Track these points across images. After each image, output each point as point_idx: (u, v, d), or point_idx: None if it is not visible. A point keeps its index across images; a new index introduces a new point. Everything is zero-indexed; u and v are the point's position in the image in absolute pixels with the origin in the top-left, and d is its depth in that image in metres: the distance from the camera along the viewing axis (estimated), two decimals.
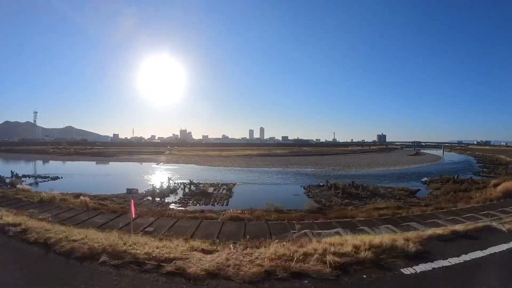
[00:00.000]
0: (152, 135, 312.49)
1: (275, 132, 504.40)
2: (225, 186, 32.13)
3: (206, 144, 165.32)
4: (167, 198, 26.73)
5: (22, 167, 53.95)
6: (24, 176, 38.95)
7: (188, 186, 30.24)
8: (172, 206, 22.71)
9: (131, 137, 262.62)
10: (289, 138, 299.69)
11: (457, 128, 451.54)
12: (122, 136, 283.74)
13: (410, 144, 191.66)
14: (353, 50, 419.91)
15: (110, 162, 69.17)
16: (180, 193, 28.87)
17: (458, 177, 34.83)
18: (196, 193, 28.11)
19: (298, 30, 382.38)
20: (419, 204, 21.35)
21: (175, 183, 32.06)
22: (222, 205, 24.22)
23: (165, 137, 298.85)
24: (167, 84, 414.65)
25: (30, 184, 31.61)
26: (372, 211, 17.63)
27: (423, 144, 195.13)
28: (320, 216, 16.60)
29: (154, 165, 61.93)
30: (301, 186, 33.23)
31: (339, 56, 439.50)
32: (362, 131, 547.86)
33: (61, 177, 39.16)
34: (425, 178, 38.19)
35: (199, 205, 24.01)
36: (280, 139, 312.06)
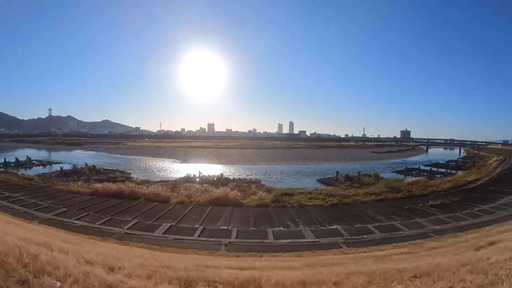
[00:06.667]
0: (182, 128, 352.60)
1: (305, 127, 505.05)
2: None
3: (191, 137, 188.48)
4: None
5: None
6: None
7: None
8: None
9: (157, 131, 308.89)
10: (321, 133, 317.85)
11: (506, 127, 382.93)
12: (149, 128, 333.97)
13: (442, 141, 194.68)
14: (386, 43, 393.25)
15: (60, 151, 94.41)
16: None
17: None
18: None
19: (332, 28, 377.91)
20: None
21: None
22: None
23: (193, 130, 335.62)
24: (202, 78, 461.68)
25: None
26: None
27: (456, 142, 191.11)
28: None
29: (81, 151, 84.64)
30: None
31: (371, 49, 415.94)
32: (392, 127, 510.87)
33: None
34: None
35: None
36: (309, 134, 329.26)
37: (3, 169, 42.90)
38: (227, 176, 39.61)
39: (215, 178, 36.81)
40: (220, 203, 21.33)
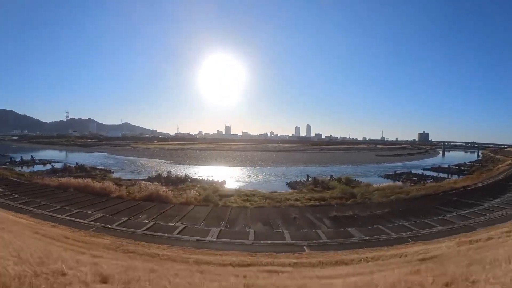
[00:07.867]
0: (199, 131, 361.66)
1: (323, 129, 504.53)
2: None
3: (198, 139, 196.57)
4: None
5: None
6: None
7: None
8: None
9: (174, 133, 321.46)
10: (337, 136, 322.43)
11: None
12: (167, 131, 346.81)
13: (463, 144, 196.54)
14: (405, 45, 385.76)
15: (69, 152, 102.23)
16: None
17: None
18: None
19: (351, 31, 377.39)
20: None
21: None
22: None
23: (211, 133, 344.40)
24: (220, 81, 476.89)
25: None
26: None
27: (477, 145, 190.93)
28: None
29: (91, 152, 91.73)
30: None
31: (390, 52, 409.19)
32: (411, 130, 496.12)
33: None
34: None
35: None
36: (324, 137, 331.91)
37: (5, 166, 48.84)
38: (194, 177, 41.87)
39: (182, 178, 39.31)
40: (151, 199, 23.70)
